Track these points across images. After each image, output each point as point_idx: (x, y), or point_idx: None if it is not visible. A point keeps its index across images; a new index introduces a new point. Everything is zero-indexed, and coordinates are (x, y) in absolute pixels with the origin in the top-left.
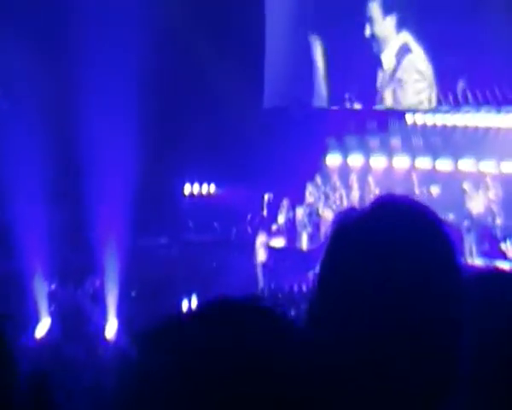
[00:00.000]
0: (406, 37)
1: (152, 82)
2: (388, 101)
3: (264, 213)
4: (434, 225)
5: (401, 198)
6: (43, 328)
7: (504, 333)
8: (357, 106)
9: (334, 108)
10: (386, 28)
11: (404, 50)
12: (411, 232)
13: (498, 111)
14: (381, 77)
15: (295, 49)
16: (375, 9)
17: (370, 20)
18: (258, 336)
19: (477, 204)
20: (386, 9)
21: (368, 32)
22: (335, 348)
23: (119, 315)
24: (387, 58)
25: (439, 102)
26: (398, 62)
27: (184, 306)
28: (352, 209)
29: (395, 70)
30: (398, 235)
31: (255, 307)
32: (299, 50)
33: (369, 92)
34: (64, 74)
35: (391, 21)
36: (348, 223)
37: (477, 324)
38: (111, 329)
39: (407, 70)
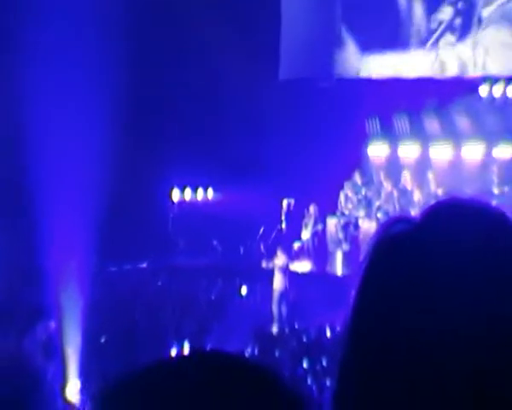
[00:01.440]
0: None
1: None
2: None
3: (283, 225)
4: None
5: (466, 200)
6: None
7: None
8: None
9: (376, 77)
10: None
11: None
12: (480, 244)
13: None
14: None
15: (318, 14)
16: None
17: None
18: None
19: None
20: None
21: None
22: None
23: (83, 372)
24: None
25: None
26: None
27: (173, 355)
28: (399, 217)
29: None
30: (461, 247)
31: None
32: (323, 14)
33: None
34: (20, 69)
35: None
36: (394, 235)
37: None
38: (71, 390)
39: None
